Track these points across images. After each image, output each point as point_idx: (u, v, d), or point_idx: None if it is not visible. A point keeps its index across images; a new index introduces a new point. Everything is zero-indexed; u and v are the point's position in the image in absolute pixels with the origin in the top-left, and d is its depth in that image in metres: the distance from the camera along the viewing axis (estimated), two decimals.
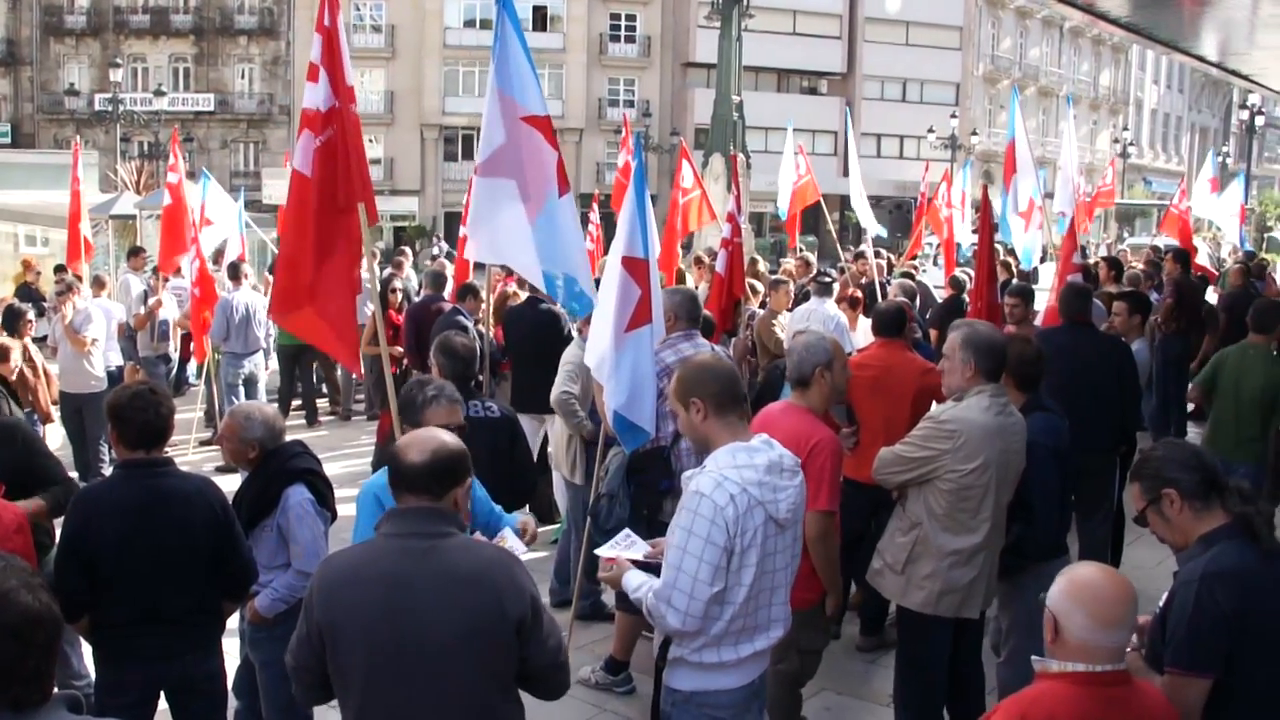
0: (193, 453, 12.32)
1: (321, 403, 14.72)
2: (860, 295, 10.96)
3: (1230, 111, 77.81)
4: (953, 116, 53.98)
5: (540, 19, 54.47)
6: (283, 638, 5.17)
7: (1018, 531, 5.24)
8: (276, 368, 14.24)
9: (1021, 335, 7.18)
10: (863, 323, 9.94)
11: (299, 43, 51.84)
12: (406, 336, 11.26)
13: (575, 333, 8.03)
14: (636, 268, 6.00)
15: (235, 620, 5.23)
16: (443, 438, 3.45)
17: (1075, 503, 7.38)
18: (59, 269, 15.95)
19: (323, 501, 5.20)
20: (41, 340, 13.18)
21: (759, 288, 11.75)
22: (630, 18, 56.85)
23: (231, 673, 5.12)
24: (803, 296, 11.24)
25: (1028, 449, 5.20)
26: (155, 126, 41.15)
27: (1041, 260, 18.73)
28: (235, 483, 5.35)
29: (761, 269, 13.47)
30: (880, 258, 16.11)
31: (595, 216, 16.62)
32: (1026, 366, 5.66)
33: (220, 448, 5.59)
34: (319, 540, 5.12)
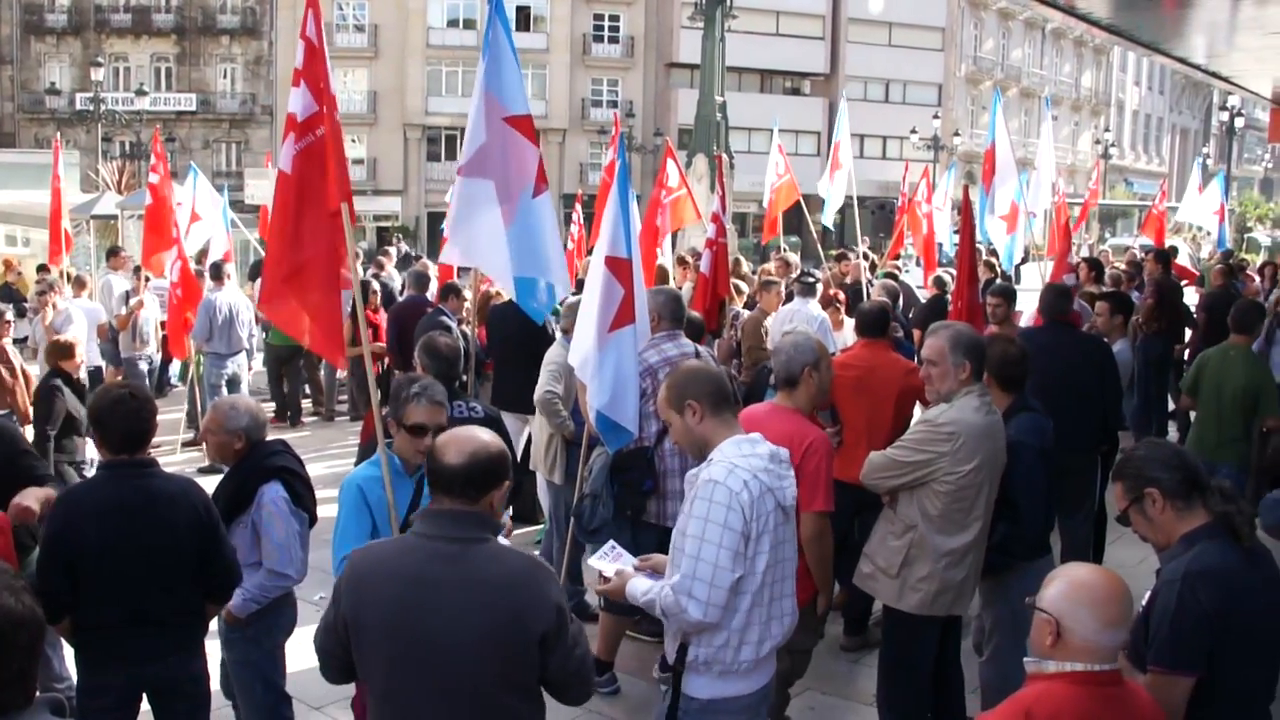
0: (178, 454, 12.26)
1: (305, 403, 14.67)
2: (842, 296, 10.97)
3: (1210, 113, 78.19)
4: (935, 117, 54.17)
5: (524, 19, 54.40)
6: (255, 638, 5.16)
7: (1004, 530, 5.25)
8: (260, 368, 14.20)
9: (1004, 335, 7.20)
10: (848, 323, 9.94)
11: (281, 43, 51.68)
12: (389, 336, 11.24)
13: (559, 333, 8.02)
14: (620, 268, 6.00)
15: (217, 621, 5.22)
16: (483, 438, 3.37)
17: (1058, 502, 7.43)
18: (41, 269, 15.89)
19: (298, 501, 5.17)
20: (22, 341, 13.15)
21: (743, 288, 11.76)
22: (613, 18, 56.83)
23: (217, 674, 5.10)
24: (786, 297, 11.25)
25: (1015, 449, 5.23)
26: (137, 126, 41.00)
27: (1023, 261, 18.81)
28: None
29: (745, 270, 13.48)
30: (867, 260, 16.15)
31: (578, 216, 16.63)
32: (1011, 367, 5.67)
33: (205, 443, 5.54)
34: (291, 539, 5.08)
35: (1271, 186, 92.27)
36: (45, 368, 8.59)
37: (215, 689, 4.94)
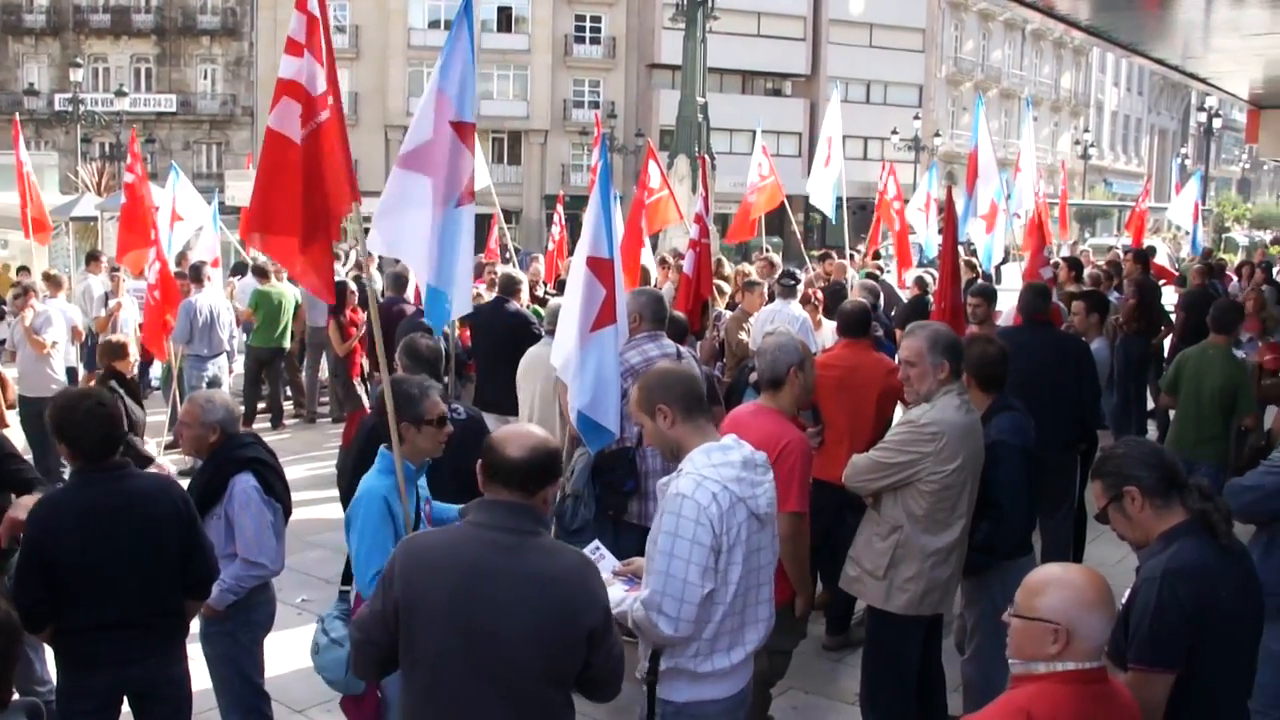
0: (160, 457, 12.19)
1: (286, 405, 14.62)
2: (821, 297, 10.98)
3: (1189, 114, 78.70)
4: (916, 118, 54.33)
5: (505, 20, 54.39)
6: (232, 633, 5.15)
7: (986, 530, 5.27)
8: (240, 371, 14.13)
9: (984, 335, 7.23)
10: (827, 324, 9.96)
11: (262, 43, 51.51)
12: (368, 338, 11.19)
13: (545, 333, 8.01)
14: (601, 268, 6.00)
15: (198, 619, 5.20)
16: (541, 434, 3.44)
17: (1038, 501, 7.46)
18: (21, 270, 15.80)
19: (270, 491, 5.17)
20: (0, 343, 13.05)
21: (725, 289, 11.76)
22: (595, 19, 56.81)
23: (198, 676, 5.08)
24: (768, 297, 11.27)
25: (996, 448, 5.26)
26: (116, 127, 40.75)
27: (1003, 261, 18.88)
28: None
29: (727, 271, 13.48)
30: (852, 261, 16.19)
31: (560, 218, 16.60)
32: (991, 367, 5.69)
33: (179, 436, 5.48)
34: (265, 529, 5.09)
35: (1249, 187, 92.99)
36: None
37: (196, 691, 4.91)
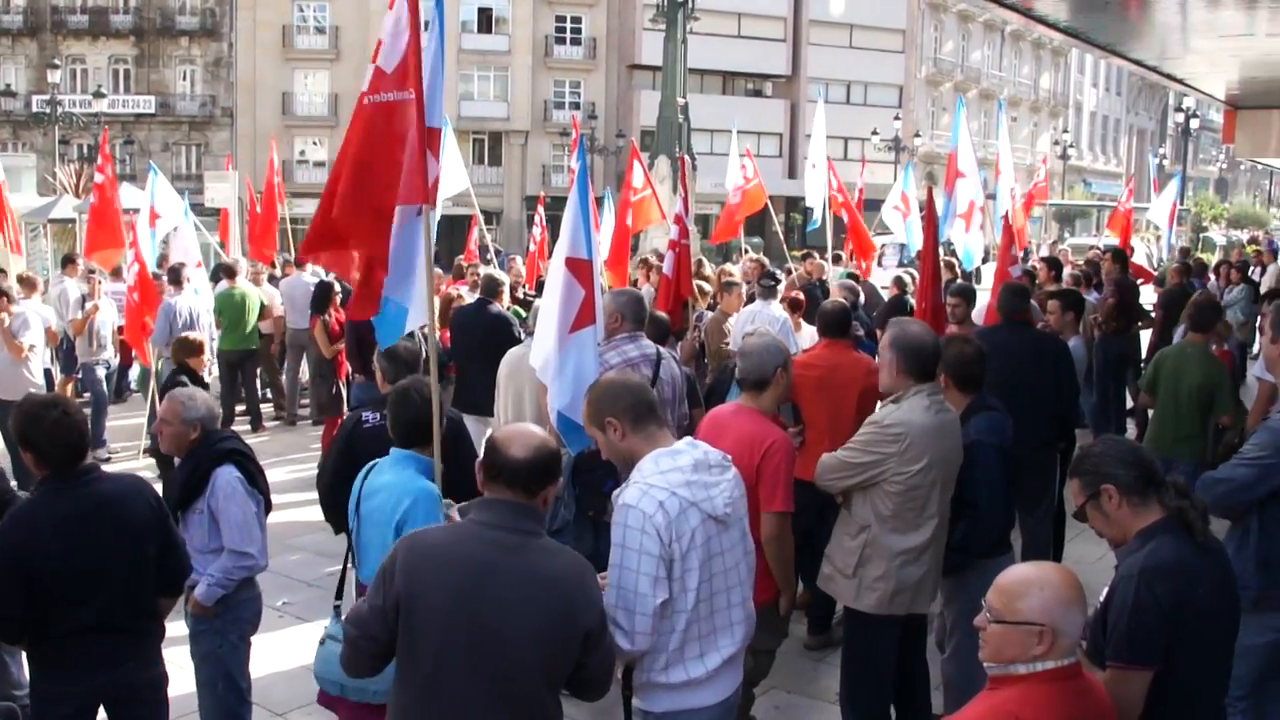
0: (140, 461, 12.16)
1: (266, 408, 14.57)
2: (801, 297, 11.00)
3: (1166, 114, 79.07)
4: (896, 119, 54.49)
5: (485, 21, 54.30)
6: (221, 630, 5.15)
7: (964, 529, 5.28)
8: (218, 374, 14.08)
9: (962, 335, 7.25)
10: (807, 327, 9.96)
11: (241, 44, 51.35)
12: (348, 341, 11.14)
13: (524, 335, 8.00)
14: (580, 269, 5.99)
15: (184, 618, 5.18)
16: (542, 435, 3.49)
17: (1017, 499, 7.48)
18: None
19: (253, 482, 5.20)
20: None
21: (706, 289, 11.76)
22: (575, 20, 56.77)
23: (177, 679, 5.06)
24: (748, 298, 11.28)
25: (974, 448, 5.27)
26: (95, 129, 40.50)
27: (984, 260, 18.93)
28: None
29: (708, 271, 13.50)
30: (837, 262, 16.22)
31: (540, 219, 16.60)
32: (968, 366, 5.70)
33: (159, 434, 5.46)
34: (250, 519, 5.10)
35: (1226, 187, 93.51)
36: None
37: (176, 695, 4.90)
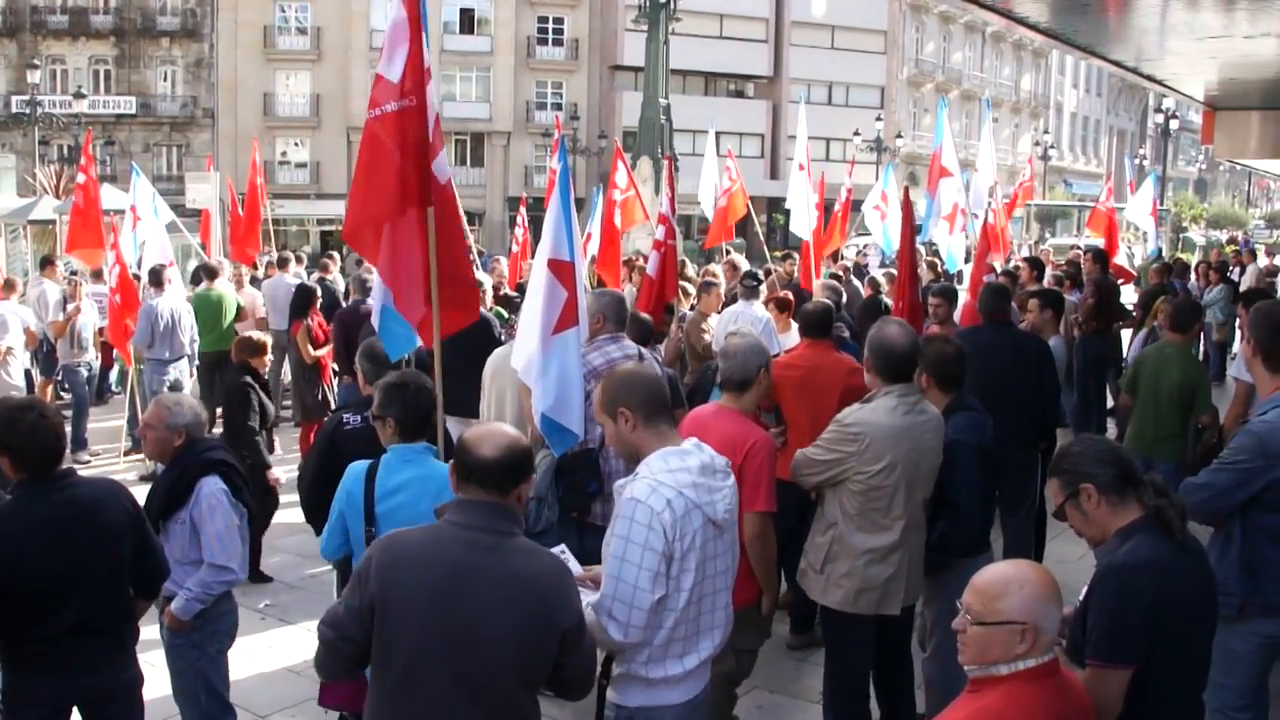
0: (121, 463, 12.11)
1: None
2: (790, 297, 11.02)
3: (1146, 115, 79.40)
4: (878, 119, 54.59)
5: (467, 22, 54.23)
6: (199, 643, 5.10)
7: (943, 528, 5.31)
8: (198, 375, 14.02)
9: (942, 335, 7.28)
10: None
11: (223, 45, 51.15)
12: (335, 342, 11.13)
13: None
14: (562, 270, 6.00)
15: (159, 629, 5.15)
16: (512, 433, 3.49)
17: (999, 499, 7.50)
18: None
19: (237, 494, 5.13)
20: None
21: (689, 290, 11.77)
22: (558, 20, 56.75)
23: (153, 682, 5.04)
24: (730, 299, 11.30)
25: (953, 447, 5.28)
26: (75, 129, 40.25)
27: (966, 261, 18.98)
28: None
29: (691, 272, 13.52)
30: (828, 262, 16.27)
31: (522, 219, 16.60)
32: (947, 366, 5.72)
33: (143, 439, 5.40)
34: (232, 532, 5.03)
35: (1205, 187, 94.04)
36: None
37: (156, 698, 4.87)
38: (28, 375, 12.35)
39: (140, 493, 4.88)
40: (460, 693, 3.23)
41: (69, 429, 6.25)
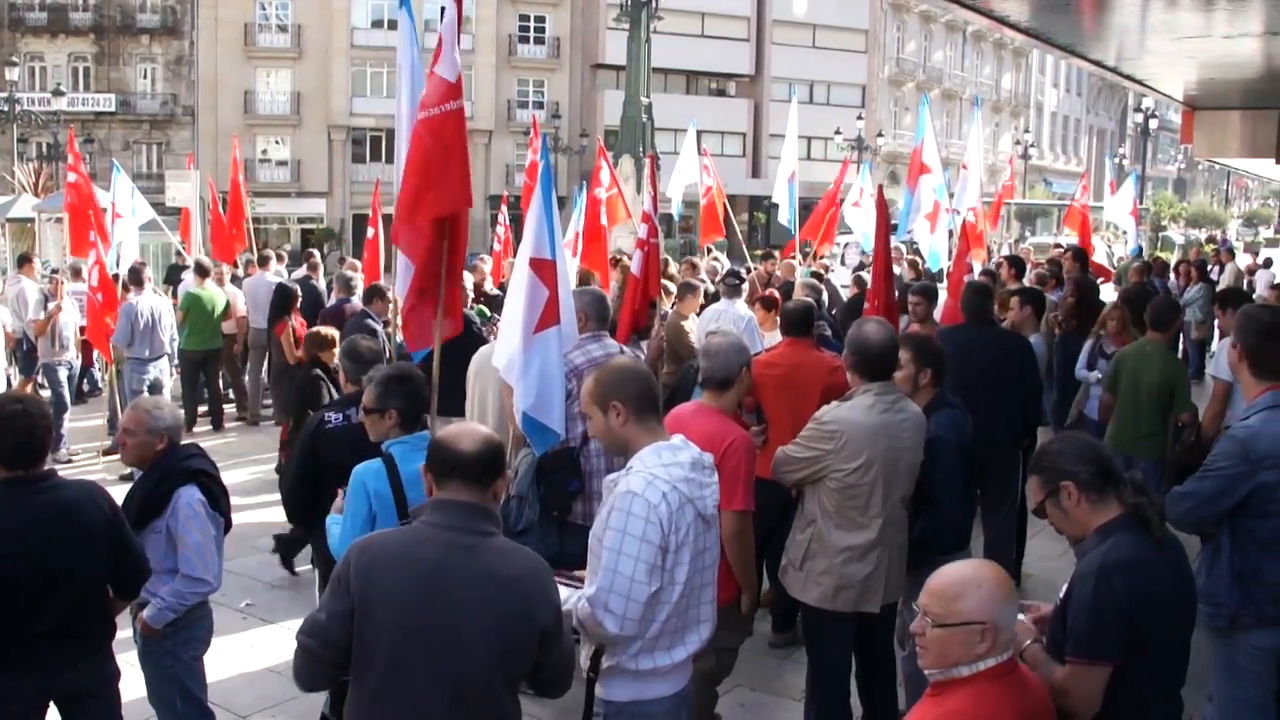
0: (100, 463, 12.05)
1: (228, 408, 14.47)
2: (777, 296, 11.02)
3: (1126, 114, 79.79)
4: (859, 118, 54.68)
5: None
6: (173, 651, 5.04)
7: (923, 525, 5.32)
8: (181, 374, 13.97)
9: (923, 334, 7.30)
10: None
11: (203, 42, 50.91)
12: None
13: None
14: (544, 269, 6.00)
15: (133, 634, 5.12)
16: (484, 430, 3.54)
17: (981, 496, 7.52)
18: None
19: (215, 505, 5.06)
20: None
21: (671, 289, 11.76)
22: (539, 19, 56.69)
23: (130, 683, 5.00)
24: (712, 297, 11.30)
25: (933, 445, 5.29)
26: (54, 127, 40.06)
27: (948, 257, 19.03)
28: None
29: (673, 270, 13.50)
30: (806, 261, 16.25)
31: (504, 218, 16.56)
32: (942, 360, 5.76)
33: (122, 445, 5.31)
34: (208, 544, 4.96)
35: (1184, 186, 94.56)
36: None
37: (133, 700, 4.84)
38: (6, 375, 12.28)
39: (119, 493, 4.83)
40: (442, 693, 3.24)
41: None
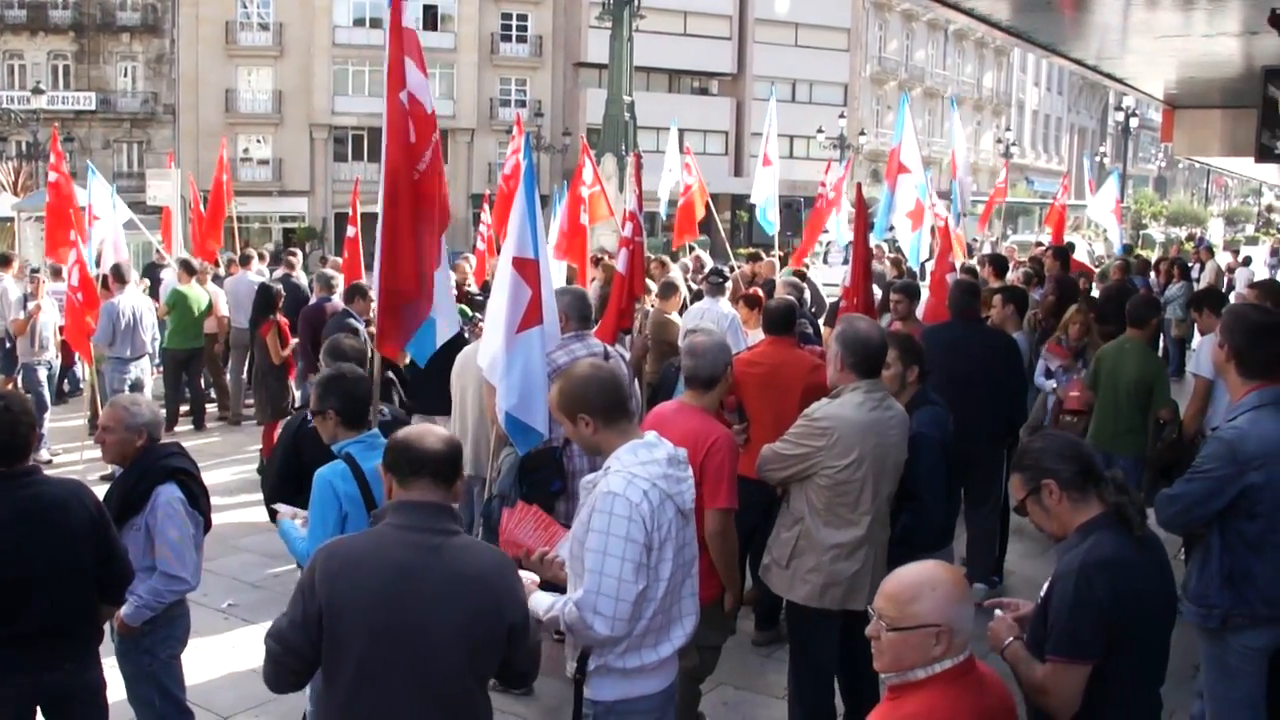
0: (82, 463, 11.98)
1: (210, 408, 14.41)
2: (761, 294, 11.03)
3: (1107, 113, 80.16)
4: (841, 117, 54.75)
5: (431, 18, 53.95)
6: (150, 649, 5.03)
7: (905, 522, 5.33)
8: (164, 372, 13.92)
9: (905, 332, 7.32)
10: None
11: (184, 40, 50.64)
12: (303, 340, 11.07)
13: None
14: (527, 268, 5.99)
15: (111, 633, 5.09)
16: (443, 429, 3.60)
17: (965, 494, 7.54)
18: None
19: (194, 503, 5.06)
20: None
21: (651, 286, 11.75)
22: (521, 17, 56.58)
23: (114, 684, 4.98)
24: (695, 295, 11.31)
25: (916, 441, 5.30)
26: (34, 126, 39.84)
27: (929, 258, 19.06)
28: None
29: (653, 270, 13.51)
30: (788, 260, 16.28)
31: (486, 217, 16.53)
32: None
33: (101, 444, 5.28)
34: (186, 542, 4.96)
35: (1165, 184, 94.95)
36: None
37: (110, 701, 4.81)
38: None
39: (102, 492, 4.81)
40: (412, 693, 3.26)
41: None
